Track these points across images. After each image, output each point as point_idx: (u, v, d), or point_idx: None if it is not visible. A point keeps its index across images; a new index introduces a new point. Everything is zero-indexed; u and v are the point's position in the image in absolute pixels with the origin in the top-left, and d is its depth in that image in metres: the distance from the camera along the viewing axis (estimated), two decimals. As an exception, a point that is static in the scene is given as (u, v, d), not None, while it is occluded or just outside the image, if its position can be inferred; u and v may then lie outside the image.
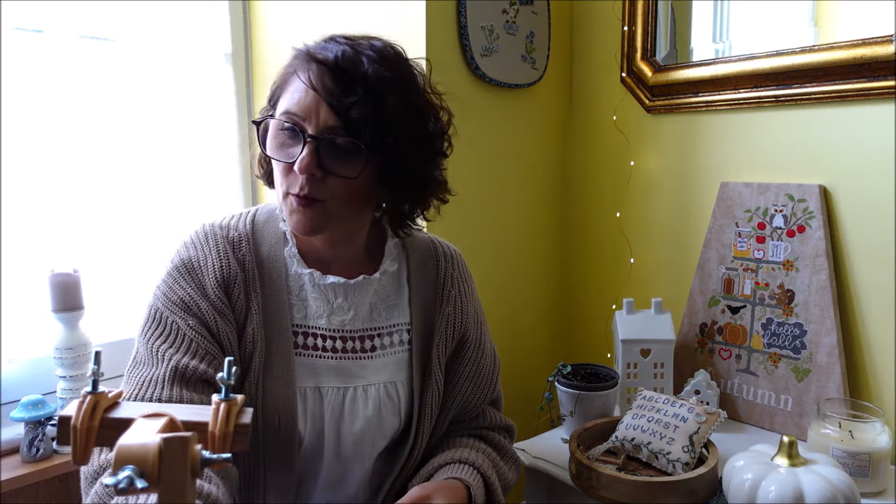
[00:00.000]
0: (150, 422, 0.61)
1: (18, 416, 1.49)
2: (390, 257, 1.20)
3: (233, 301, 1.09)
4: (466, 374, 1.24)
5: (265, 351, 1.09)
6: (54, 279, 1.55)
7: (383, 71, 1.01)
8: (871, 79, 1.49)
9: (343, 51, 1.02)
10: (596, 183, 2.04)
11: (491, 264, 1.91)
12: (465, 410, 1.26)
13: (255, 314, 1.10)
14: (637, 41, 1.87)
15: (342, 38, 1.07)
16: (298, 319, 1.13)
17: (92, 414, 0.64)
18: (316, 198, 1.03)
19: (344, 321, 1.15)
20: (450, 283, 1.24)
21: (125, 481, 0.52)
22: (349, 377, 1.15)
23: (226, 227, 1.15)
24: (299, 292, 1.14)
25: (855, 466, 1.33)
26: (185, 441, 0.55)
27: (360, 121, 0.99)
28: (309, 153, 1.00)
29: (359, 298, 1.16)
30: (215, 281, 1.08)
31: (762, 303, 1.66)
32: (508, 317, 1.98)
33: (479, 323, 1.28)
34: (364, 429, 1.14)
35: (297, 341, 1.13)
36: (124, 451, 0.55)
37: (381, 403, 1.15)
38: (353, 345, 1.16)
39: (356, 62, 1.01)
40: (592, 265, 2.08)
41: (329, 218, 1.05)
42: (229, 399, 0.67)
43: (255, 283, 1.11)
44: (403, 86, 1.05)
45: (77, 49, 1.66)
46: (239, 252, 1.12)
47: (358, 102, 0.99)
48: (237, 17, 2.01)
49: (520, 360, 2.02)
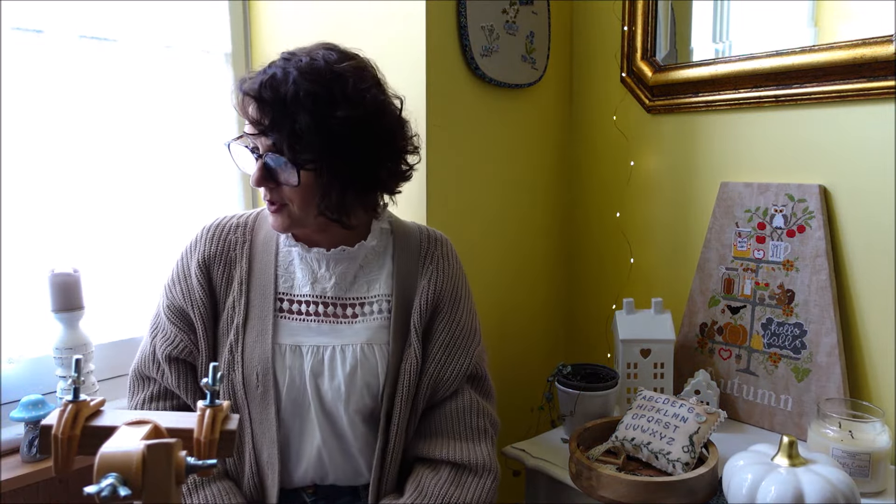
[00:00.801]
0: (134, 429, 0.61)
1: (18, 416, 1.49)
2: (374, 236, 1.32)
3: (213, 277, 1.31)
4: (440, 342, 1.32)
5: (246, 314, 1.28)
6: (54, 279, 1.55)
7: (306, 87, 1.14)
8: (871, 79, 1.48)
9: (272, 76, 1.16)
10: (596, 183, 2.04)
11: (491, 264, 1.91)
12: (440, 381, 1.31)
13: (237, 284, 1.30)
14: (637, 41, 1.87)
15: (289, 54, 1.20)
16: (285, 288, 1.31)
17: (73, 423, 0.64)
18: (278, 202, 1.22)
19: (325, 288, 1.30)
20: (429, 260, 1.36)
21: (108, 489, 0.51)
22: (329, 337, 1.28)
23: (229, 216, 1.38)
24: (288, 266, 1.32)
25: (855, 466, 1.32)
26: (170, 448, 0.54)
27: (281, 142, 1.15)
28: (258, 169, 1.19)
29: (340, 268, 1.30)
30: (197, 264, 1.31)
31: (762, 303, 1.65)
32: (508, 316, 1.98)
33: (456, 298, 1.36)
34: (344, 386, 1.24)
35: (283, 307, 1.29)
36: (107, 458, 0.54)
37: (358, 362, 1.26)
38: (335, 310, 1.30)
39: (276, 87, 1.14)
40: (592, 265, 2.08)
41: (294, 218, 1.23)
42: (215, 405, 0.66)
43: (242, 258, 1.32)
44: (325, 99, 1.15)
45: (77, 49, 1.66)
46: (233, 234, 1.34)
47: (275, 128, 1.15)
48: (237, 17, 2.01)
49: (520, 359, 2.02)
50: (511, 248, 1.97)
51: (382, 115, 1.22)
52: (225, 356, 1.27)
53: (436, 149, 1.71)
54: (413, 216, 1.72)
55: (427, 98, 1.67)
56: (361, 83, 1.19)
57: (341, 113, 1.15)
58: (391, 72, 1.73)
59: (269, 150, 1.17)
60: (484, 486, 1.28)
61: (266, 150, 1.18)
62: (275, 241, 1.33)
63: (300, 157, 1.15)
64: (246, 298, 1.29)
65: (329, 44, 1.25)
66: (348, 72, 1.18)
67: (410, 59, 1.69)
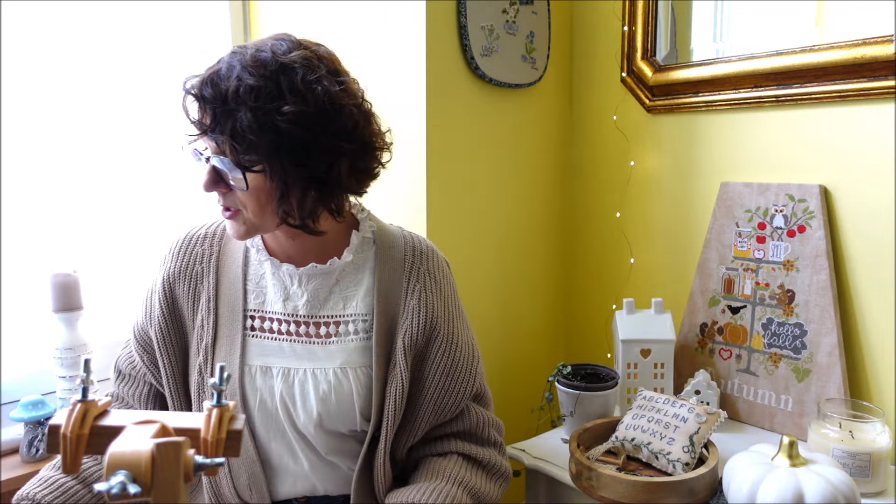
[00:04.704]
0: (142, 428, 0.61)
1: (18, 416, 1.50)
2: (352, 250, 1.23)
3: (178, 295, 1.24)
4: (440, 368, 1.23)
5: (215, 334, 1.20)
6: (54, 279, 1.56)
7: (248, 81, 1.03)
8: (871, 79, 1.48)
9: (215, 72, 1.07)
10: (596, 183, 2.04)
11: (491, 264, 1.91)
12: (443, 406, 1.23)
13: (204, 301, 1.22)
14: (637, 41, 1.87)
15: (239, 47, 1.10)
16: (255, 305, 1.22)
17: (82, 422, 0.64)
18: (232, 208, 1.13)
19: (297, 306, 1.21)
20: (416, 277, 1.25)
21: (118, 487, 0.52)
22: (301, 359, 1.19)
23: (198, 226, 1.30)
24: (259, 280, 1.24)
25: (855, 466, 1.32)
26: (178, 446, 0.55)
27: (223, 143, 1.06)
28: (206, 174, 1.10)
29: (313, 285, 1.21)
30: (162, 282, 1.25)
31: (762, 303, 1.66)
32: (508, 316, 1.98)
33: (450, 317, 1.26)
34: (317, 412, 1.17)
35: (254, 325, 1.21)
36: (116, 456, 0.54)
37: (332, 388, 1.17)
38: (308, 329, 1.21)
39: (217, 83, 1.05)
40: (592, 265, 2.08)
41: (250, 224, 1.14)
42: (221, 405, 0.66)
43: (209, 272, 1.24)
44: (270, 94, 1.04)
45: (77, 49, 1.66)
46: (199, 246, 1.27)
47: (216, 127, 1.05)
48: (237, 17, 2.01)
49: (520, 360, 2.02)
50: (511, 248, 1.97)
51: (338, 109, 1.09)
52: (194, 378, 1.20)
53: (436, 149, 1.71)
54: (413, 216, 1.72)
55: (427, 98, 1.67)
56: (311, 74, 1.07)
57: (288, 108, 1.04)
58: (391, 72, 1.74)
59: (216, 153, 1.08)
60: (494, 484, 1.24)
61: (213, 153, 1.09)
62: (243, 252, 1.25)
63: (245, 159, 1.05)
64: (214, 316, 1.21)
65: (284, 34, 1.14)
66: (297, 62, 1.07)
67: (410, 59, 1.69)
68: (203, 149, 1.10)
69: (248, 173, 1.07)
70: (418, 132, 1.69)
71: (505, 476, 1.27)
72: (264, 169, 1.07)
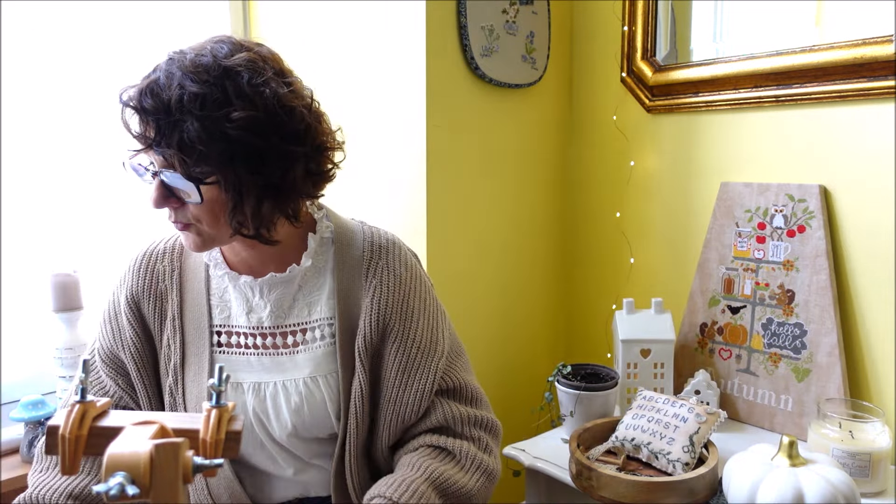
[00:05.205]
0: (141, 429, 0.61)
1: (18, 416, 1.50)
2: (311, 254, 1.18)
3: (145, 314, 1.19)
4: (395, 365, 1.18)
5: (183, 352, 1.17)
6: (54, 279, 1.56)
7: (192, 88, 0.98)
8: (871, 79, 1.48)
9: (153, 81, 1.01)
10: (596, 183, 2.04)
11: (491, 264, 1.91)
12: (404, 402, 1.18)
13: (170, 320, 1.18)
14: (637, 41, 1.87)
15: (176, 52, 1.04)
16: (221, 320, 1.19)
17: (80, 423, 0.64)
18: (184, 222, 1.07)
19: (262, 318, 1.17)
20: (373, 273, 1.19)
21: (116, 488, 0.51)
22: (270, 373, 1.16)
23: (157, 242, 1.25)
24: (223, 294, 1.20)
25: (855, 466, 1.32)
26: (177, 447, 0.55)
27: (171, 156, 1.00)
28: (155, 190, 1.04)
29: (275, 294, 1.17)
30: (126, 301, 1.19)
31: (762, 303, 1.66)
32: (509, 316, 1.98)
33: (407, 312, 1.20)
34: (291, 423, 1.14)
35: (221, 340, 1.18)
36: (115, 457, 0.54)
37: (304, 398, 1.15)
38: (275, 341, 1.18)
39: (157, 93, 0.99)
40: (592, 265, 2.08)
41: (206, 236, 1.09)
42: (220, 406, 0.66)
43: (172, 290, 1.19)
44: (216, 100, 0.99)
45: (77, 49, 1.66)
46: (160, 262, 1.21)
47: (162, 141, 0.99)
48: (237, 17, 2.01)
49: (520, 360, 2.02)
50: (511, 248, 1.97)
51: (289, 111, 1.04)
52: (166, 400, 1.17)
53: (435, 149, 1.71)
54: (413, 216, 1.72)
55: (427, 98, 1.67)
56: (257, 77, 1.01)
57: (237, 114, 0.98)
58: (391, 72, 1.74)
59: (164, 167, 1.02)
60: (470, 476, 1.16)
61: (161, 167, 1.02)
62: (205, 267, 1.21)
63: (196, 171, 0.99)
64: (181, 335, 1.17)
65: (222, 36, 1.08)
66: (241, 65, 1.01)
67: (410, 59, 1.69)
68: (148, 164, 1.04)
69: (202, 186, 1.01)
70: (418, 132, 1.69)
71: (485, 470, 1.18)
72: (218, 180, 1.01)
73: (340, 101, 1.87)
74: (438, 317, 1.26)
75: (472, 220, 1.84)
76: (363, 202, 1.85)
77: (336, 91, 1.88)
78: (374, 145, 1.81)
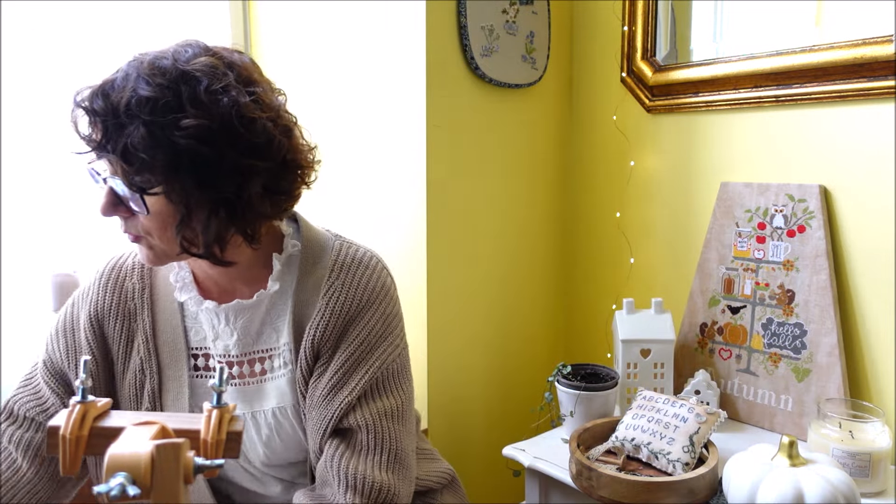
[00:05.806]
0: (142, 429, 0.61)
1: (18, 416, 1.49)
2: (276, 277, 1.10)
3: (108, 334, 1.11)
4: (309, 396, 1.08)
5: (159, 376, 1.10)
6: (54, 279, 1.55)
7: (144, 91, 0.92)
8: (871, 79, 1.48)
9: (109, 82, 0.96)
10: (596, 183, 2.04)
11: (491, 264, 1.91)
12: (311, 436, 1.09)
13: (141, 342, 1.11)
14: (637, 41, 1.87)
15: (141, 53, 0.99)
16: (197, 342, 1.12)
17: (81, 423, 0.64)
18: (135, 234, 1.02)
19: (228, 346, 1.10)
20: (327, 294, 1.09)
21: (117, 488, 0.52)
22: (239, 403, 1.10)
23: (125, 256, 1.17)
24: (197, 315, 1.12)
25: (855, 466, 1.32)
26: (178, 447, 0.55)
27: (116, 162, 0.94)
28: (104, 195, 0.99)
29: (241, 321, 1.10)
30: (87, 318, 1.11)
31: (762, 303, 1.66)
32: (508, 316, 1.98)
33: (339, 341, 1.07)
34: (263, 454, 1.10)
35: (199, 363, 1.12)
36: (116, 458, 0.54)
37: (273, 430, 1.09)
38: (242, 370, 1.11)
39: (108, 95, 0.94)
40: (592, 265, 2.08)
41: (159, 250, 1.02)
42: (221, 406, 0.66)
43: (143, 309, 1.12)
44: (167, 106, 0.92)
45: (77, 49, 1.66)
46: (129, 279, 1.14)
47: (108, 144, 0.94)
48: (237, 17, 2.01)
49: (520, 359, 2.02)
50: (511, 248, 1.97)
51: (248, 122, 0.96)
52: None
53: (435, 149, 1.71)
54: (413, 217, 1.72)
55: (427, 98, 1.67)
56: (216, 83, 0.94)
57: (187, 122, 0.91)
58: (391, 72, 1.74)
59: (112, 173, 0.96)
60: None
61: (111, 173, 0.97)
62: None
63: (137, 181, 0.93)
64: (156, 359, 1.09)
65: (193, 39, 1.01)
66: (200, 70, 0.94)
67: (410, 59, 1.69)
68: (102, 169, 0.99)
69: (146, 196, 0.94)
70: (418, 132, 1.69)
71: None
72: (165, 191, 0.95)
73: (340, 101, 1.87)
74: (390, 349, 1.11)
75: (471, 220, 1.84)
76: (363, 203, 1.85)
77: (336, 91, 1.88)
78: (374, 145, 1.81)
